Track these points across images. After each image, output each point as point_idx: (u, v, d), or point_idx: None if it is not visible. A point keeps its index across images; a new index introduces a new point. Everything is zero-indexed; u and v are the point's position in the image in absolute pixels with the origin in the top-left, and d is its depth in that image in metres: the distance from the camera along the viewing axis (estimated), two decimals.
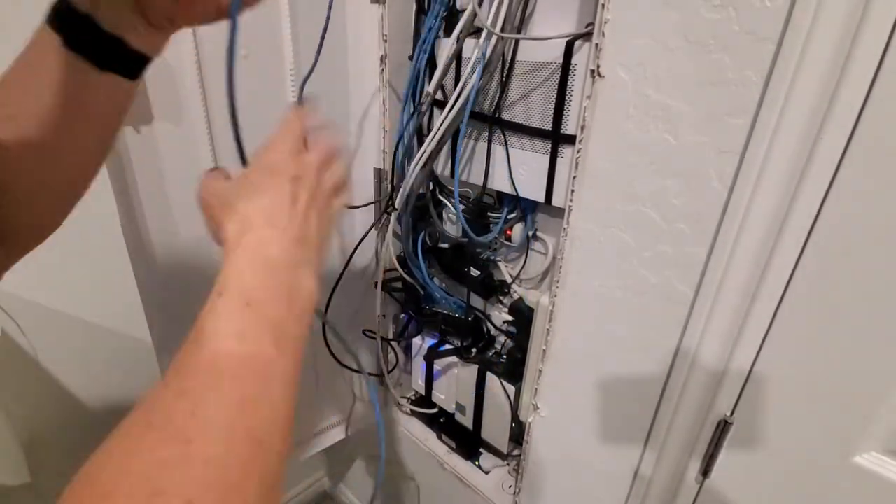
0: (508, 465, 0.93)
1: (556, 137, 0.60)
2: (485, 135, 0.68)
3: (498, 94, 0.64)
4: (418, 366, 0.96)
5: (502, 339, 0.86)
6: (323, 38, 0.64)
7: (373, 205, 0.87)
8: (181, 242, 0.73)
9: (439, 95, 0.71)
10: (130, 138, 0.64)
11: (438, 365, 0.92)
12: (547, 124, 0.61)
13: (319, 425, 1.05)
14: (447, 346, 0.90)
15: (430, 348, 0.91)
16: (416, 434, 1.02)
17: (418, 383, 0.98)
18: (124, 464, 0.23)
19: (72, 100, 0.34)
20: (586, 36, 0.55)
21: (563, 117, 0.59)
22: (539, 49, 0.59)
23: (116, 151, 0.63)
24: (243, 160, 0.38)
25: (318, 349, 0.96)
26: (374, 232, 0.87)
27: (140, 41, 0.35)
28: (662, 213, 0.50)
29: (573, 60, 0.56)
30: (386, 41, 0.73)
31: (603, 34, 0.49)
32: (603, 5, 0.48)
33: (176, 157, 0.68)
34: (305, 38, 0.72)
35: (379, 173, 0.84)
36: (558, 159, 0.61)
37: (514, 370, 0.80)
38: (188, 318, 0.85)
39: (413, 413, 1.03)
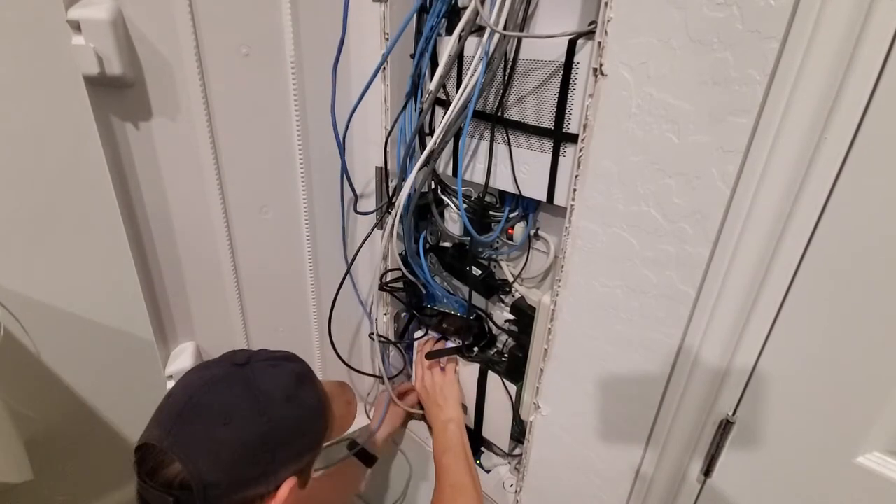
0: (510, 463, 0.93)
1: (559, 136, 0.60)
2: (487, 133, 0.68)
3: (500, 93, 0.64)
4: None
5: (504, 338, 0.86)
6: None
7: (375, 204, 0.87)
8: (182, 240, 0.73)
9: (441, 94, 0.71)
10: (131, 134, 0.64)
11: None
12: (549, 123, 0.61)
13: None
14: (448, 345, 0.89)
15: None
16: (417, 433, 1.02)
17: None
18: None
19: (354, 487, 0.92)
20: (589, 34, 0.55)
21: (566, 116, 0.59)
22: (541, 47, 0.59)
23: (116, 149, 0.63)
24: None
25: (325, 350, 0.96)
26: (376, 231, 0.87)
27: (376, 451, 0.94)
28: (665, 212, 0.50)
29: (576, 59, 0.56)
30: (388, 39, 0.73)
31: (606, 32, 0.48)
32: (606, 3, 0.48)
33: (176, 154, 0.68)
34: (306, 35, 0.72)
35: (381, 172, 0.84)
36: (560, 158, 0.61)
37: (515, 369, 0.80)
38: (190, 316, 0.85)
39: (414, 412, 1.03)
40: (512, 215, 0.73)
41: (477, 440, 0.93)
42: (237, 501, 0.48)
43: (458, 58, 0.66)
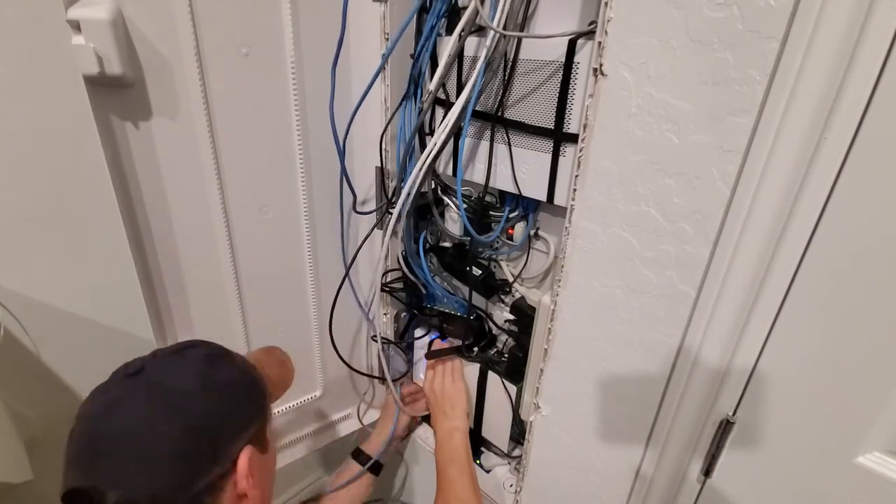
0: (510, 464, 0.93)
1: (559, 136, 0.60)
2: (487, 133, 0.68)
3: (500, 93, 0.64)
4: (420, 365, 0.96)
5: (504, 338, 0.86)
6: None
7: (374, 204, 0.87)
8: (182, 240, 0.73)
9: (441, 94, 0.71)
10: (131, 134, 0.64)
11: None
12: (549, 123, 0.61)
13: (320, 424, 1.05)
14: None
15: (430, 343, 0.91)
16: (417, 433, 1.02)
17: (419, 378, 0.98)
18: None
19: (364, 497, 0.91)
20: (589, 34, 0.55)
21: (566, 116, 0.59)
22: (541, 47, 0.59)
23: (116, 149, 0.63)
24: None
25: (325, 350, 0.96)
26: (376, 231, 0.87)
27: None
28: (665, 212, 0.50)
29: (576, 59, 0.56)
30: (388, 39, 0.73)
31: (606, 32, 0.48)
32: (606, 3, 0.48)
33: (176, 154, 0.68)
34: (306, 35, 0.72)
35: (381, 172, 0.84)
36: (560, 158, 0.61)
37: (515, 369, 0.80)
38: (189, 316, 0.85)
39: None
40: (512, 215, 0.73)
41: (477, 440, 0.93)
42: (200, 490, 0.44)
43: (458, 58, 0.66)
